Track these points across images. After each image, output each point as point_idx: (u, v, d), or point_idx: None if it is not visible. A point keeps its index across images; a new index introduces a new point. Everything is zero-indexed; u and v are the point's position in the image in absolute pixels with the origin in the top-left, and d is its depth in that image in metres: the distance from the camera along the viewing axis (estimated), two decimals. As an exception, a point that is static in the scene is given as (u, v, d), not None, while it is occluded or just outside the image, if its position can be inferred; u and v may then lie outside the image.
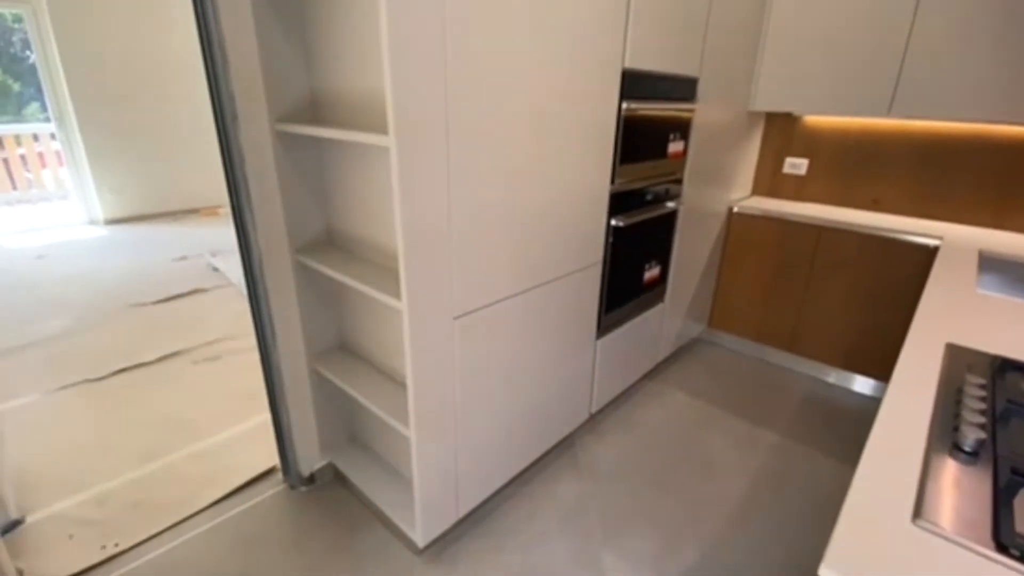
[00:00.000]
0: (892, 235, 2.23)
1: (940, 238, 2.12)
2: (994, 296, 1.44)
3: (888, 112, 2.21)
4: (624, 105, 1.66)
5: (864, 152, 2.56)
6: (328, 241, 1.62)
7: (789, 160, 2.79)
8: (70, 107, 4.62)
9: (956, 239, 2.10)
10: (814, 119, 2.66)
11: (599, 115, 1.59)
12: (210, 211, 5.49)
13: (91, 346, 2.72)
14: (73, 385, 2.36)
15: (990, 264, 1.92)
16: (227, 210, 1.50)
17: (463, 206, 1.24)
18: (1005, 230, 2.28)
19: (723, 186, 2.57)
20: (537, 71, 1.32)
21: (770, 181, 2.89)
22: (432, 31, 1.05)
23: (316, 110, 1.48)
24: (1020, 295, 1.46)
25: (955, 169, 2.34)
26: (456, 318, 1.31)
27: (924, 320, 1.24)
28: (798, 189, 2.80)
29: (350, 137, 1.17)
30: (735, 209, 2.65)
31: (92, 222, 4.99)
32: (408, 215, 1.12)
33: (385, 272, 1.39)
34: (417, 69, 1.04)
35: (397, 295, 1.20)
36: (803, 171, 2.76)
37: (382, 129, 1.15)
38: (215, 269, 3.85)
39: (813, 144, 2.70)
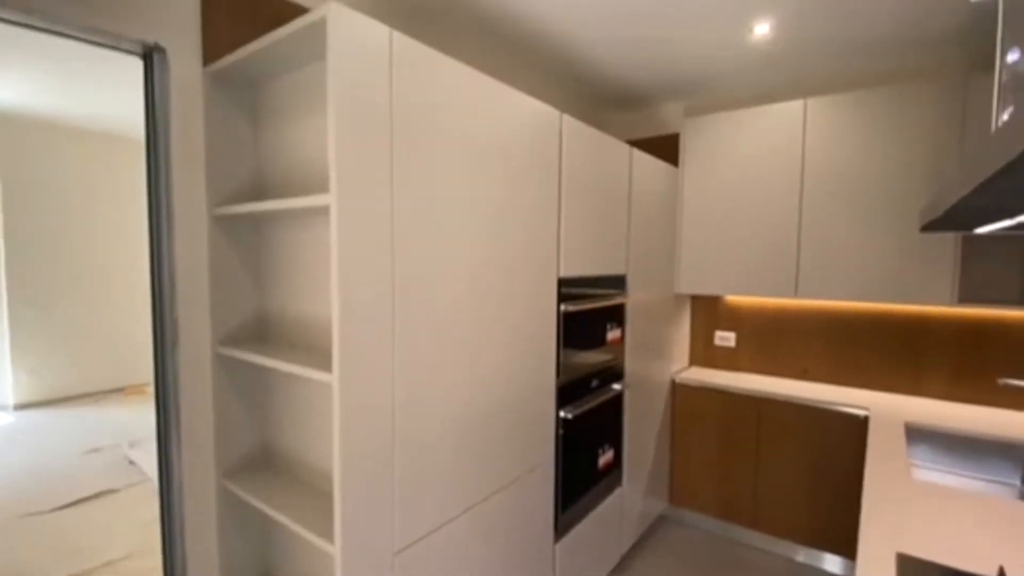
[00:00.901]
0: (825, 406, 2.35)
1: (867, 408, 2.25)
2: (930, 479, 1.50)
3: (795, 294, 2.49)
4: (562, 307, 1.78)
5: (785, 325, 2.81)
6: (263, 462, 1.51)
7: (718, 333, 3.01)
8: (3, 290, 4.48)
9: (882, 409, 2.24)
10: (734, 298, 2.95)
11: (541, 319, 1.69)
12: (136, 389, 5.13)
13: (-46, 580, 2.25)
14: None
15: (917, 435, 2.02)
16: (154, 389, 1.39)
17: (410, 426, 1.21)
18: (921, 396, 2.45)
19: (663, 359, 2.70)
20: (478, 297, 1.42)
21: (704, 352, 3.07)
22: (381, 263, 1.13)
23: (261, 338, 1.50)
24: (947, 466, 1.58)
25: (868, 341, 2.58)
26: (397, 553, 1.19)
27: (871, 514, 1.25)
28: (730, 360, 2.98)
29: (291, 370, 1.16)
30: (677, 380, 2.76)
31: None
32: (348, 447, 1.07)
33: (321, 499, 1.29)
34: (363, 299, 1.09)
35: (330, 536, 1.09)
36: (732, 343, 2.96)
37: (325, 362, 1.16)
38: (131, 463, 3.46)
39: (737, 319, 2.95)
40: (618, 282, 2.20)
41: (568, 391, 1.87)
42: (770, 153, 2.50)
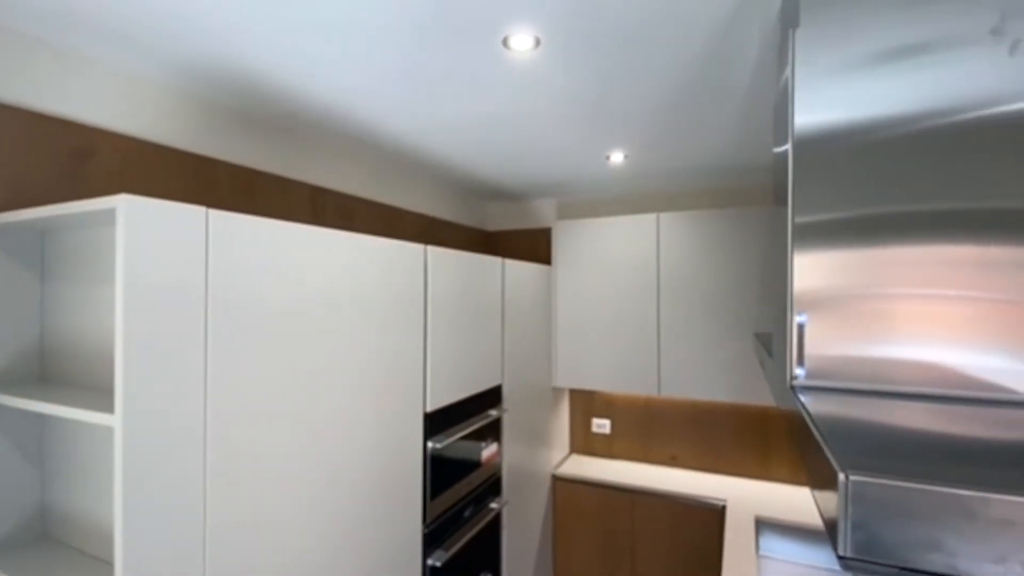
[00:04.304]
0: (689, 496, 2.48)
1: (725, 499, 2.42)
2: (777, 570, 1.61)
3: (659, 391, 2.65)
4: (429, 445, 1.69)
5: (653, 414, 2.97)
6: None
7: (595, 421, 3.10)
8: None
9: (738, 497, 2.41)
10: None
11: (404, 465, 1.58)
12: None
13: None
14: None
15: (765, 527, 2.21)
16: None
17: (226, 663, 1.02)
18: (772, 481, 2.70)
19: (545, 450, 2.69)
20: (322, 463, 1.28)
21: (583, 439, 3.14)
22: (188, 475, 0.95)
23: (45, 535, 1.21)
24: (791, 556, 1.96)
25: (726, 431, 2.80)
26: None
27: None
28: (607, 446, 3.07)
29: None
30: (557, 475, 2.77)
31: None
32: None
33: None
34: (156, 507, 0.91)
35: None
36: (608, 430, 3.06)
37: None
38: None
39: (611, 408, 3.07)
40: (494, 395, 2.16)
41: (437, 534, 1.76)
42: (631, 259, 2.69)
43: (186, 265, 0.97)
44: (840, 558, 0.43)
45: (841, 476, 0.45)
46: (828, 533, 0.46)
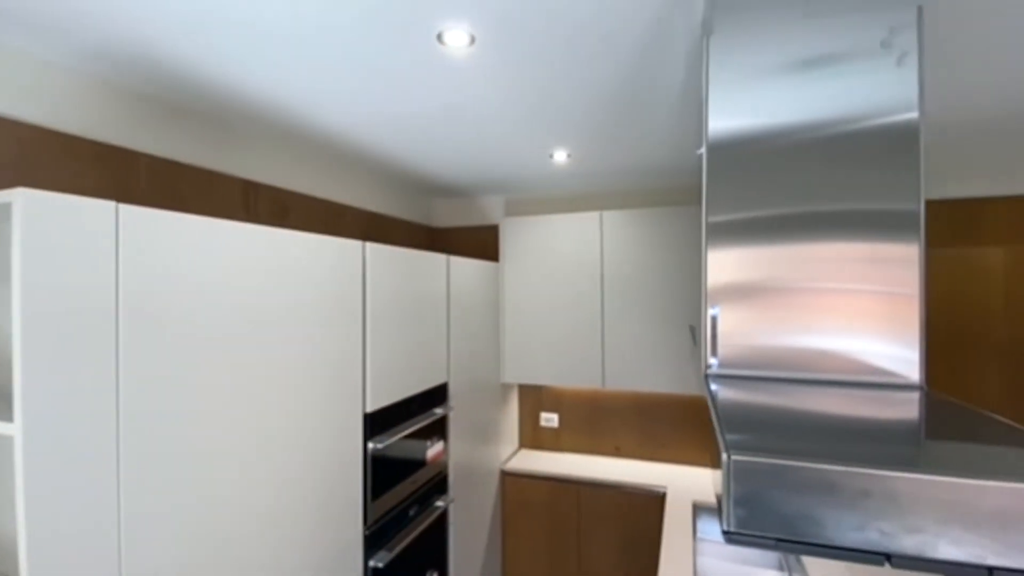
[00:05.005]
0: (632, 485, 2.57)
1: (666, 486, 2.52)
2: (710, 552, 1.69)
3: (604, 384, 2.72)
4: (370, 446, 1.67)
5: (598, 408, 3.04)
6: None
7: (543, 415, 3.15)
8: None
9: (677, 485, 2.52)
10: (555, 380, 3.13)
11: (343, 468, 1.55)
12: None
13: None
14: None
15: (701, 510, 2.32)
16: None
17: None
18: (708, 467, 2.83)
19: (493, 446, 2.71)
20: (252, 464, 1.24)
21: (532, 434, 3.18)
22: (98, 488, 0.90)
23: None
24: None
25: (666, 422, 2.91)
26: None
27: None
28: (555, 440, 3.13)
29: None
30: (505, 470, 2.80)
31: None
32: None
33: None
34: (63, 521, 0.86)
35: None
36: (556, 424, 3.12)
37: None
38: None
39: (559, 402, 3.12)
40: (439, 393, 2.16)
41: (380, 534, 1.74)
42: (576, 256, 2.75)
43: (93, 264, 0.92)
44: (724, 533, 0.47)
45: (724, 456, 0.49)
46: (717, 510, 0.49)
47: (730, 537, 0.46)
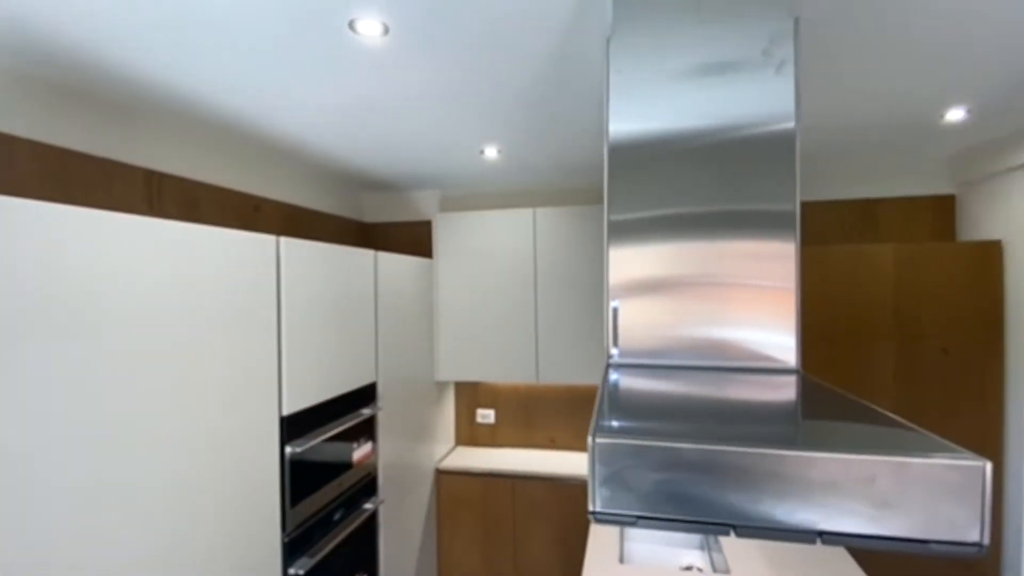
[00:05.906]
0: (566, 475, 2.63)
1: (596, 476, 2.60)
2: (633, 547, 1.75)
3: (537, 379, 2.76)
4: (288, 450, 1.60)
5: (533, 401, 3.08)
6: None
7: (480, 411, 3.15)
8: None
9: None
10: (491, 376, 3.14)
11: (257, 473, 1.48)
12: None
13: None
14: None
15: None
16: None
17: None
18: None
19: (428, 445, 2.69)
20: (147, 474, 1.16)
21: (468, 430, 3.18)
22: None
23: None
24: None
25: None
26: None
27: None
28: (491, 436, 3.14)
29: None
30: (440, 468, 2.78)
31: None
32: None
33: None
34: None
35: None
36: (493, 420, 3.13)
37: None
38: None
39: (495, 398, 3.14)
40: (367, 393, 2.11)
41: (301, 541, 1.68)
42: (510, 252, 2.76)
43: (-55, 259, 0.82)
44: (591, 513, 0.49)
45: (590, 439, 0.51)
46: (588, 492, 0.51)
47: (596, 517, 0.49)
